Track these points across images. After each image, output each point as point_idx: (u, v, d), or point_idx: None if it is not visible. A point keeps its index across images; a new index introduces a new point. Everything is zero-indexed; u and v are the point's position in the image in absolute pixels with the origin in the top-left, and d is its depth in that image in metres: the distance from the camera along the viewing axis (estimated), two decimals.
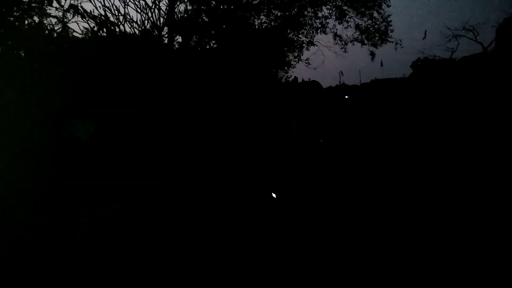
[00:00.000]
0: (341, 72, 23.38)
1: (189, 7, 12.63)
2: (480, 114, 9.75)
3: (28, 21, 9.93)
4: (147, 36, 11.85)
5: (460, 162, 7.29)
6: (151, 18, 11.92)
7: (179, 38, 13.14)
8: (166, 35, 12.70)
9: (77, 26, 27.69)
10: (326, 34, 16.18)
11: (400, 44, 14.52)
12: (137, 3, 12.18)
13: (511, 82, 10.32)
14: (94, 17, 11.01)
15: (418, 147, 8.38)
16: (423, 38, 15.91)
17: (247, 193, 5.93)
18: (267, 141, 8.76)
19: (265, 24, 14.45)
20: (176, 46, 13.31)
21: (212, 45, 13.68)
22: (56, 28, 11.34)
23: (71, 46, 11.17)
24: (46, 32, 10.84)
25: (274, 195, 5.60)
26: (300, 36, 15.16)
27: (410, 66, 18.56)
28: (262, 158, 7.80)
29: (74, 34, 11.63)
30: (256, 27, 14.26)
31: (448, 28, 30.98)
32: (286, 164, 7.62)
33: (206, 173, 6.60)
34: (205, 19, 13.15)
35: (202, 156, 7.18)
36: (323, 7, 15.01)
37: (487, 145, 8.16)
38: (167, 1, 12.11)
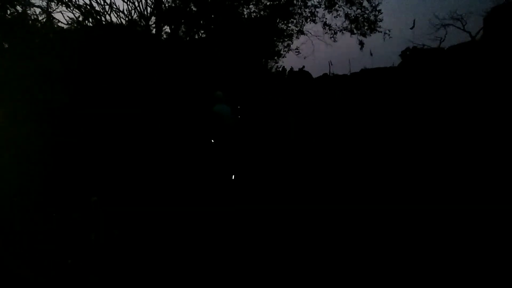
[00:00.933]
0: (330, 62, 23.40)
1: None
2: (470, 103, 9.84)
3: (10, 10, 9.68)
4: (134, 26, 11.66)
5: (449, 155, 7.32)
6: (138, 8, 11.72)
7: (167, 28, 12.97)
8: (154, 25, 12.52)
9: (62, 16, 27.01)
10: (316, 23, 16.14)
11: (389, 34, 14.60)
12: None
13: (499, 71, 10.43)
14: (79, 7, 10.77)
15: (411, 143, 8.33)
16: (412, 28, 16.00)
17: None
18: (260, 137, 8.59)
19: (254, 14, 14.31)
20: (164, 37, 13.14)
21: (200, 35, 13.52)
22: (40, 18, 11.08)
23: (56, 37, 10.93)
24: (30, 22, 10.58)
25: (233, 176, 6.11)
26: (289, 25, 15.07)
27: (399, 56, 18.66)
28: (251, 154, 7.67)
29: (59, 24, 11.37)
30: (245, 16, 14.10)
31: (437, 17, 31.16)
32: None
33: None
34: (193, 9, 12.95)
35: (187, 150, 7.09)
36: None
37: (478, 135, 8.24)
38: None
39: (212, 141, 6.45)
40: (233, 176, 6.33)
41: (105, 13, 10.94)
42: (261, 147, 8.03)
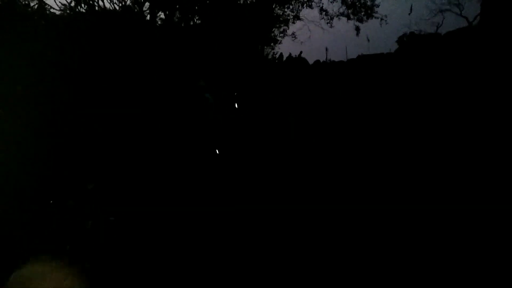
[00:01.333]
0: (327, 48, 23.15)
1: None
2: (467, 89, 9.80)
3: None
4: (128, 12, 11.46)
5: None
6: None
7: (162, 15, 12.77)
8: (148, 11, 12.32)
9: (54, 2, 26.44)
10: (312, 8, 15.97)
11: (385, 20, 14.50)
12: None
13: (496, 56, 10.39)
14: None
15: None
16: (409, 14, 15.97)
17: None
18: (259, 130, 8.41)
19: None
20: (159, 23, 12.95)
21: (195, 21, 13.34)
22: (31, 4, 10.86)
23: (48, 23, 10.74)
24: (21, 8, 10.37)
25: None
26: (285, 10, 14.90)
27: (396, 41, 18.52)
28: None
29: (51, 10, 11.15)
30: (241, 1, 13.91)
31: (434, 3, 30.91)
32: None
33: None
34: None
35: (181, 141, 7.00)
36: None
37: (476, 121, 8.20)
38: None
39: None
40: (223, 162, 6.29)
41: None
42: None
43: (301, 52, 15.17)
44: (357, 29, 14.80)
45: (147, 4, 11.90)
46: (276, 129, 8.58)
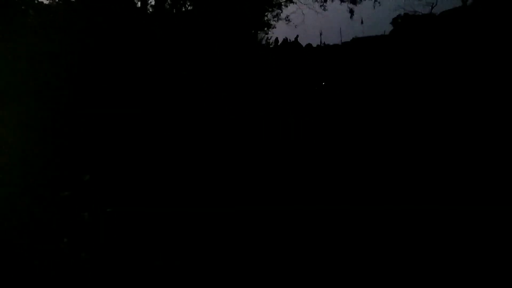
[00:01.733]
0: (321, 32, 23.00)
1: None
2: (462, 70, 9.75)
3: None
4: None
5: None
6: None
7: (152, 1, 12.54)
8: None
9: None
10: None
11: (379, 1, 14.35)
12: None
13: (490, 36, 10.34)
14: None
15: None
16: None
17: None
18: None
19: None
20: (150, 10, 12.72)
21: (187, 7, 13.13)
22: None
23: (37, 13, 10.53)
24: None
25: None
26: None
27: (391, 23, 18.31)
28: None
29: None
30: None
31: None
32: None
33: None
34: None
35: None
36: None
37: (470, 101, 8.17)
38: None
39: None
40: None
41: None
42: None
43: (297, 36, 14.96)
44: (351, 11, 14.65)
45: None
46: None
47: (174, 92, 8.53)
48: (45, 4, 10.69)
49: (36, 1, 10.91)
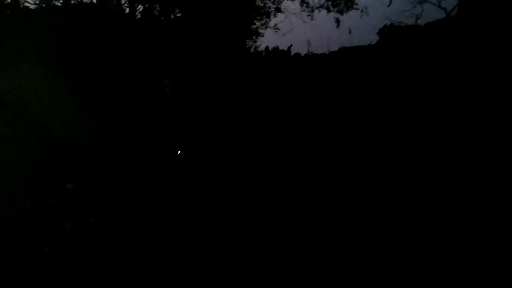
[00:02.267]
0: (309, 41, 23.13)
1: None
2: (446, 79, 9.97)
3: None
4: (106, 5, 11.21)
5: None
6: None
7: (141, 8, 12.53)
8: (127, 4, 12.07)
9: None
10: (293, 0, 16.03)
11: (366, 12, 14.64)
12: None
13: (472, 47, 10.62)
14: None
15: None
16: (388, 5, 16.07)
17: None
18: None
19: None
20: (138, 16, 12.70)
21: (176, 14, 13.16)
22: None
23: (24, 19, 10.40)
24: None
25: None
26: (266, 2, 14.83)
27: (377, 33, 18.63)
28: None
29: (25, 4, 10.80)
30: None
31: None
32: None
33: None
34: None
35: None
36: None
37: (455, 110, 8.33)
38: None
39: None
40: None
41: None
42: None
43: (290, 46, 15.04)
44: (337, 21, 14.91)
45: None
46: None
47: (165, 93, 8.49)
48: (32, 9, 10.58)
49: (21, 6, 10.80)
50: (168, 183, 5.58)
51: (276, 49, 15.34)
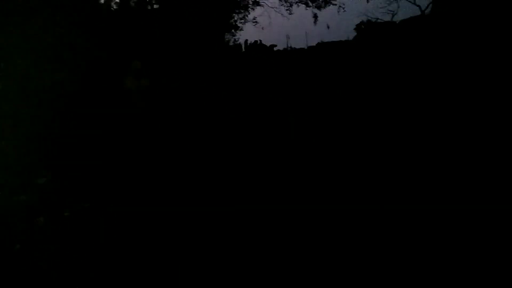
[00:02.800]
0: (288, 36, 23.24)
1: None
2: (419, 75, 10.22)
3: None
4: None
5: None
6: None
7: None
8: None
9: None
10: None
11: (343, 7, 14.81)
12: None
13: (445, 44, 10.93)
14: None
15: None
16: (368, 1, 16.30)
17: None
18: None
19: None
20: (114, 7, 12.35)
21: (153, 6, 12.86)
22: None
23: None
24: None
25: None
26: None
27: (354, 29, 18.89)
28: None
29: None
30: None
31: None
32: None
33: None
34: None
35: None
36: None
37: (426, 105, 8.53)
38: None
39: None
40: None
41: None
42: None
43: (275, 46, 14.95)
44: (315, 16, 15.01)
45: None
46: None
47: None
48: None
49: None
50: (152, 181, 5.47)
51: (256, 43, 15.28)
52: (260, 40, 14.59)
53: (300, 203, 4.91)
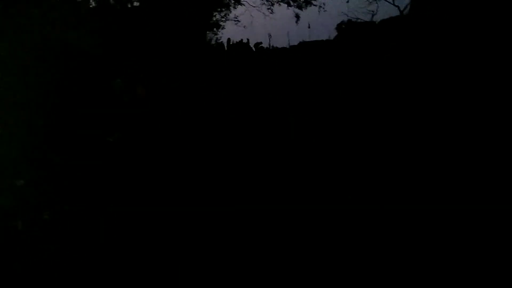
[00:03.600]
0: (270, 34, 23.20)
1: None
2: (399, 75, 10.43)
3: None
4: None
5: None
6: None
7: None
8: None
9: None
10: None
11: (324, 7, 15.01)
12: None
13: (423, 44, 11.20)
14: None
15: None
16: (347, 1, 16.53)
17: None
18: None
19: None
20: (93, 5, 12.10)
21: (133, 3, 12.67)
22: None
23: None
24: None
25: None
26: None
27: (335, 29, 19.10)
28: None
29: None
30: None
31: None
32: None
33: None
34: None
35: None
36: None
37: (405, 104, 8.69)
38: None
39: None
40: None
41: None
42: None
43: (260, 43, 14.92)
44: (297, 16, 15.14)
45: None
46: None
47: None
48: None
49: None
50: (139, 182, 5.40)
51: (241, 42, 15.26)
52: (248, 39, 14.62)
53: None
